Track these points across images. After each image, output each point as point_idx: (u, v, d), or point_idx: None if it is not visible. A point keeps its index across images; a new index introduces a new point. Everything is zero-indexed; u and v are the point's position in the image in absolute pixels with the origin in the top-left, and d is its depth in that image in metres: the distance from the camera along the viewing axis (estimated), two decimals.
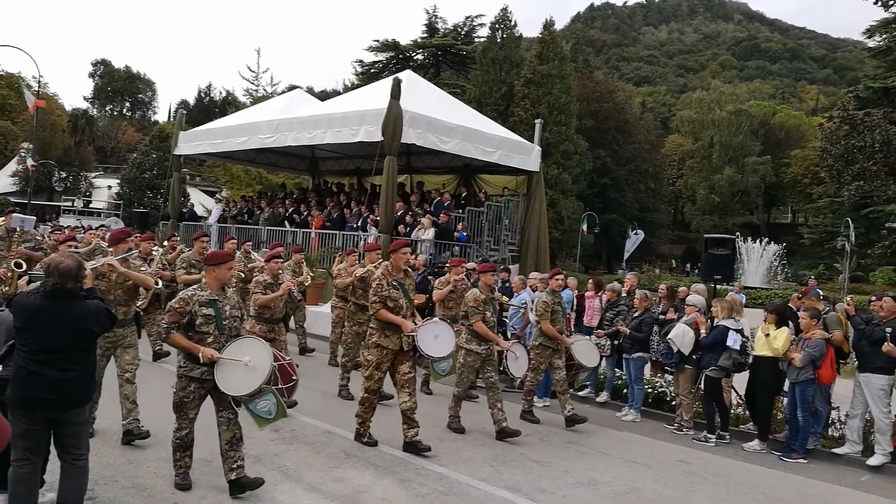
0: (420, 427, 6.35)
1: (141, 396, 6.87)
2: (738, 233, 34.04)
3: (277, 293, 7.71)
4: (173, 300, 4.93)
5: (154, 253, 10.22)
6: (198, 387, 4.86)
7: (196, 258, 9.25)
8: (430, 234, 14.45)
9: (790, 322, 8.42)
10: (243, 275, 9.81)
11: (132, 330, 6.06)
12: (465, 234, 14.98)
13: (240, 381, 4.78)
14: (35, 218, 11.37)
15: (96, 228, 13.58)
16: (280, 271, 8.25)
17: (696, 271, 39.84)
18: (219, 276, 4.99)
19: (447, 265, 13.28)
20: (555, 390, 8.12)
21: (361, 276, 8.32)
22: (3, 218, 9.85)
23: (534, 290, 10.11)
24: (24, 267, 8.20)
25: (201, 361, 4.71)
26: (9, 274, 8.07)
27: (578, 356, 8.10)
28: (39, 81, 30.88)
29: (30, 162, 28.21)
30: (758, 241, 33.60)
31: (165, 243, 12.44)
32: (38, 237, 9.74)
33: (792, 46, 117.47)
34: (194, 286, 5.02)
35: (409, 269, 6.75)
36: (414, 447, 6.25)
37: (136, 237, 8.48)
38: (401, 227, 14.80)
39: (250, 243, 12.73)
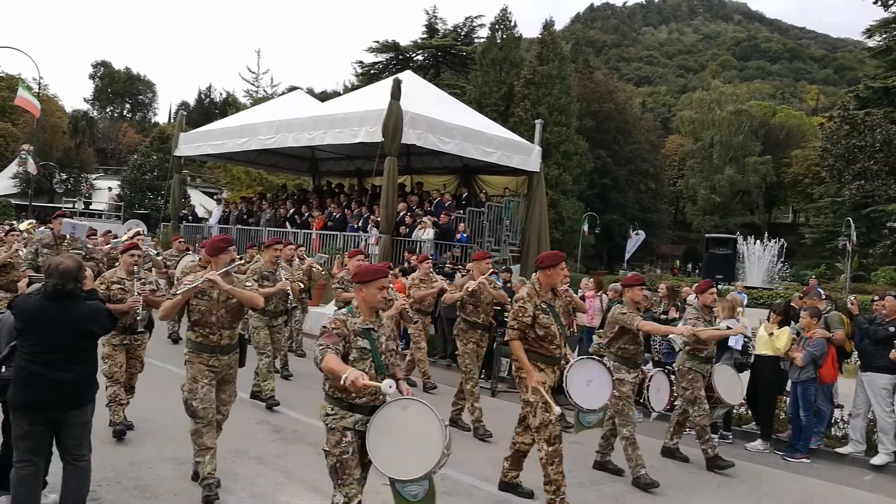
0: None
1: (140, 395, 6.89)
2: (739, 233, 34.02)
3: (274, 289, 7.63)
4: (328, 320, 3.82)
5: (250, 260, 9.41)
6: (355, 437, 3.72)
7: (269, 269, 8.01)
8: (430, 234, 14.45)
9: (792, 321, 8.41)
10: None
11: (235, 359, 5.08)
12: (465, 234, 14.97)
13: (401, 457, 3.65)
14: (87, 224, 10.39)
15: (103, 234, 13.19)
16: (280, 262, 8.19)
17: (697, 271, 39.84)
18: (367, 297, 3.87)
19: (448, 265, 13.32)
20: (679, 420, 7.04)
21: (473, 291, 7.38)
22: (52, 223, 8.92)
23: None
24: None
25: (345, 383, 3.42)
26: None
27: (719, 388, 6.73)
28: (40, 83, 30.88)
29: (31, 166, 28.20)
30: (758, 241, 33.57)
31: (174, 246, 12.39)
32: (87, 245, 8.83)
33: (792, 46, 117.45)
34: (342, 310, 3.99)
35: (563, 289, 5.61)
36: (513, 488, 5.48)
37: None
38: (402, 228, 14.81)
39: (302, 248, 12.48)
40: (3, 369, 4.16)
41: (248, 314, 7.61)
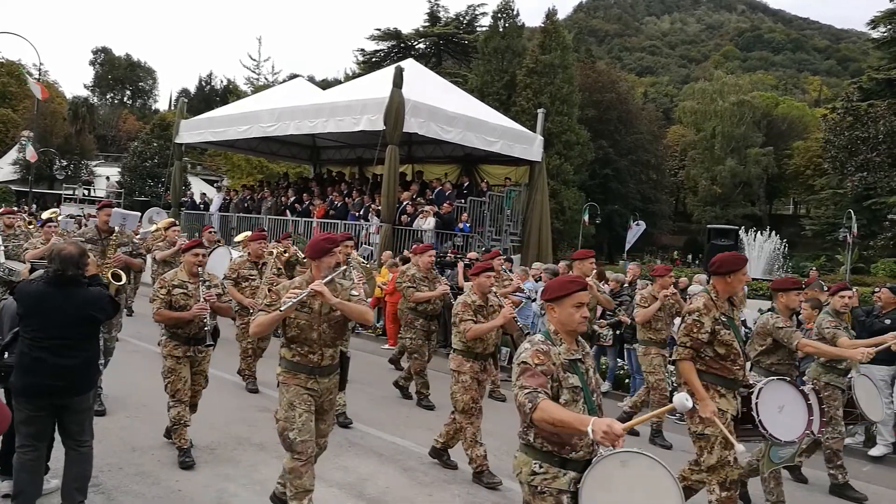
0: None
1: (141, 380, 6.92)
2: (742, 224, 34.00)
3: (435, 293, 7.64)
4: (526, 352, 2.99)
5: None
6: (570, 502, 2.94)
7: (423, 274, 7.68)
8: (431, 223, 14.44)
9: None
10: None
11: (335, 381, 4.34)
12: (467, 224, 14.95)
13: None
14: (139, 214, 9.38)
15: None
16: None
17: (698, 262, 39.85)
18: (563, 318, 3.10)
19: (449, 253, 13.31)
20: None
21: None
22: (98, 214, 7.47)
23: (537, 281, 10.10)
24: (123, 280, 6.77)
25: (594, 436, 2.61)
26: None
27: (862, 403, 5.83)
28: (40, 69, 30.79)
29: (30, 153, 28.18)
30: (759, 232, 33.54)
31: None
32: (135, 239, 7.55)
33: (795, 37, 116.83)
34: (537, 338, 3.09)
35: (738, 297, 4.94)
36: None
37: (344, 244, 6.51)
38: (403, 217, 14.80)
39: (351, 243, 10.91)
40: (6, 355, 4.18)
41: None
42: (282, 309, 3.98)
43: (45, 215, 11.38)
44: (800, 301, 5.40)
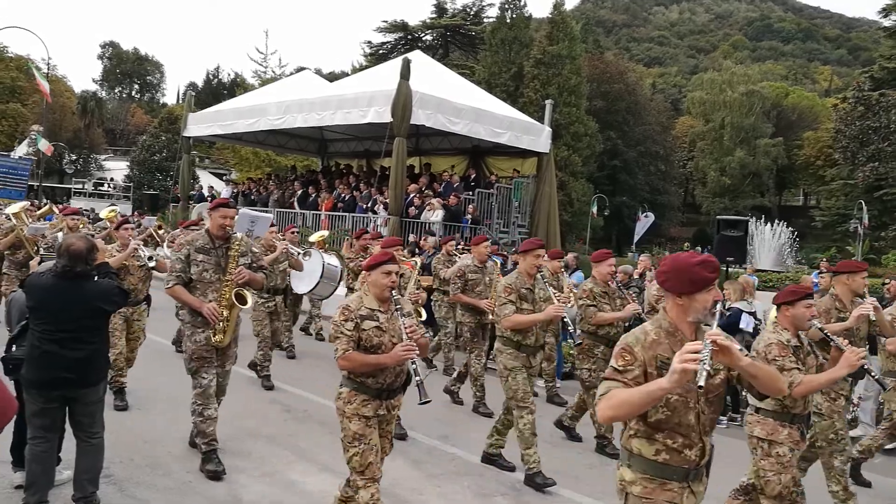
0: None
1: (151, 374, 6.95)
2: (751, 215, 33.79)
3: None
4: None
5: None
6: None
7: (602, 288, 6.31)
8: (438, 216, 14.41)
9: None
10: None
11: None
12: (467, 218, 14.87)
13: None
14: (271, 215, 8.30)
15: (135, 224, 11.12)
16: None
17: (706, 253, 39.57)
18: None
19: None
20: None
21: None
22: (211, 216, 5.15)
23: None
24: (249, 302, 5.13)
25: None
26: (223, 315, 4.93)
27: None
28: (49, 64, 30.89)
29: (43, 144, 28.27)
30: (768, 223, 33.36)
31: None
32: (254, 248, 5.38)
33: (805, 26, 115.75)
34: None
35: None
36: None
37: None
38: (411, 210, 14.78)
39: (454, 242, 9.61)
40: (14, 348, 4.20)
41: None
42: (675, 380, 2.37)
43: (103, 214, 11.13)
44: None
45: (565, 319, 5.68)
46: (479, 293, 7.28)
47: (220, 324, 4.92)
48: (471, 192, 15.55)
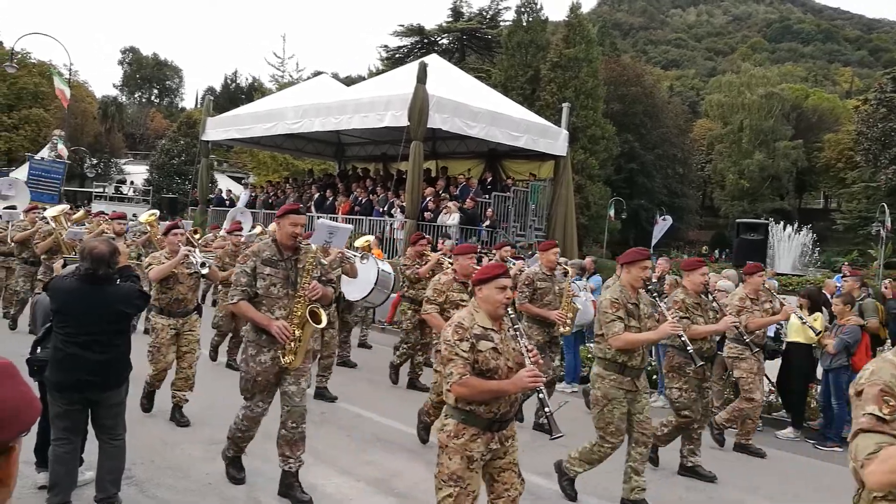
0: None
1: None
2: (769, 218, 33.45)
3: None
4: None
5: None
6: None
7: (694, 300, 5.87)
8: (455, 219, 14.42)
9: (824, 308, 8.26)
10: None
11: None
12: (483, 225, 14.85)
13: None
14: (350, 227, 8.11)
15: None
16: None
17: (724, 257, 39.29)
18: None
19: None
20: None
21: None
22: (280, 224, 4.56)
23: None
24: (324, 322, 4.58)
25: None
26: (295, 334, 4.42)
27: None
28: (70, 69, 31.30)
29: (60, 146, 28.65)
30: (788, 227, 33.02)
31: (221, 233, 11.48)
32: (322, 260, 4.95)
33: (826, 27, 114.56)
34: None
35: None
36: None
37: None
38: (426, 214, 14.80)
39: (510, 249, 9.54)
40: (39, 350, 4.26)
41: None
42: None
43: (142, 218, 10.85)
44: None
45: (683, 339, 5.28)
46: (547, 303, 6.67)
47: (291, 343, 4.41)
48: (487, 196, 15.54)
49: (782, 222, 34.13)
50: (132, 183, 48.32)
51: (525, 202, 16.35)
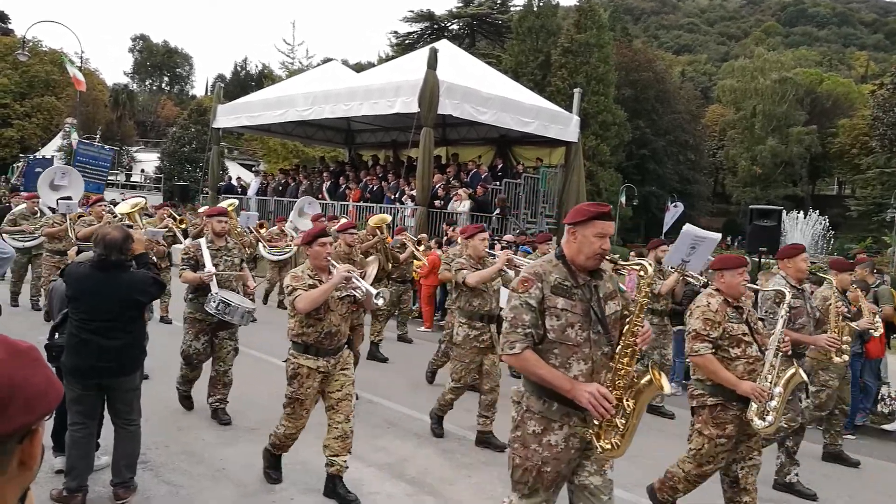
0: None
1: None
2: (782, 205, 33.15)
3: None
4: None
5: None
6: None
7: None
8: (465, 206, 14.39)
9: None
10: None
11: None
12: (494, 213, 14.79)
13: None
14: (718, 235, 7.33)
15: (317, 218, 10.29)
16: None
17: (736, 244, 39.05)
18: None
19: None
20: None
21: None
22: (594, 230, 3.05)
23: None
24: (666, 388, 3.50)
25: None
26: (621, 406, 2.95)
27: None
28: (81, 57, 31.37)
29: (74, 137, 28.79)
30: (801, 213, 32.73)
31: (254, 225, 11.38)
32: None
33: (841, 11, 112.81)
34: None
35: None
36: None
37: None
38: (436, 201, 14.78)
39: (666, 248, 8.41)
40: (57, 335, 4.30)
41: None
42: None
43: (199, 210, 10.44)
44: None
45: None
46: (800, 326, 5.14)
47: (614, 421, 2.83)
48: (498, 182, 15.49)
49: (796, 209, 33.87)
50: (143, 171, 48.50)
51: (535, 189, 16.29)
